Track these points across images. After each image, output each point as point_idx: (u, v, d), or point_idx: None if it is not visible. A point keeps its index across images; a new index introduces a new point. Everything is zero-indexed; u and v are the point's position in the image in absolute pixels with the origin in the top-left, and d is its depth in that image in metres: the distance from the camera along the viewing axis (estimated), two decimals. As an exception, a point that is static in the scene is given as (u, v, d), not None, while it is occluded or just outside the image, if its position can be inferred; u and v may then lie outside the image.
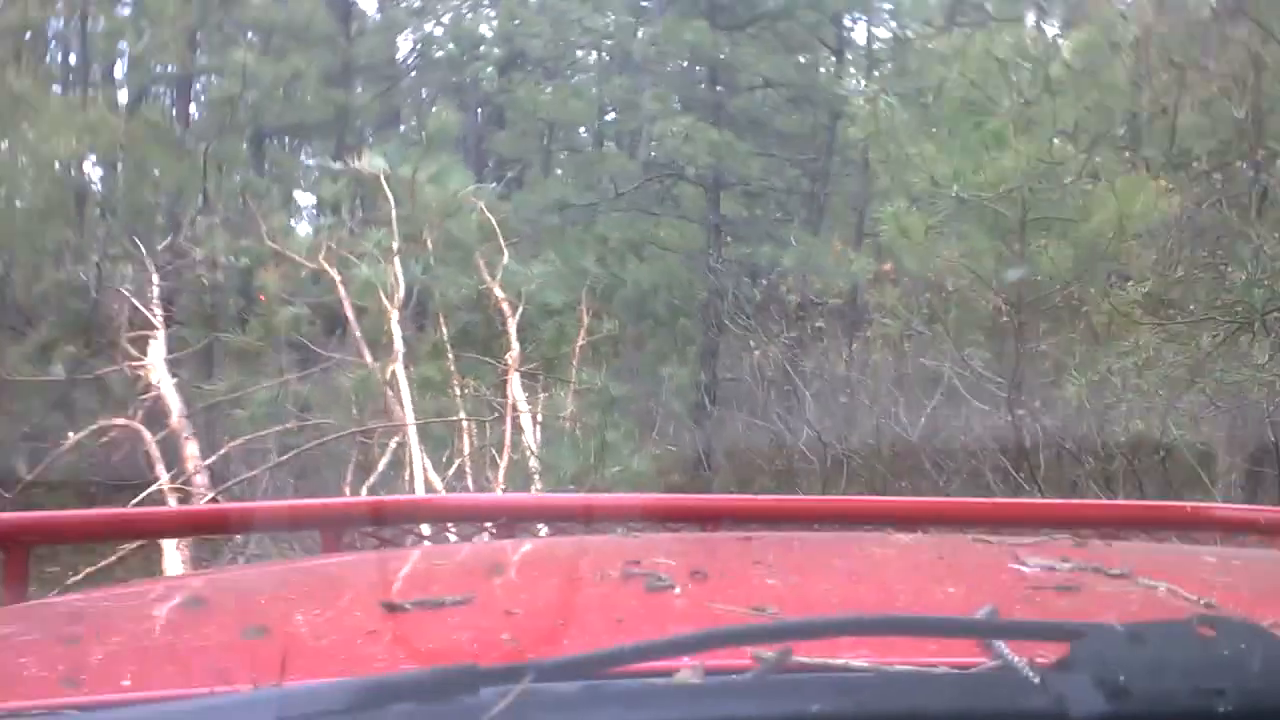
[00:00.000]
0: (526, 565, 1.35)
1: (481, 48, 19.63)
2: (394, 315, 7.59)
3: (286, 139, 14.69)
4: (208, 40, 11.64)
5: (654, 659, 0.67)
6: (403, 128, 19.67)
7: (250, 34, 11.45)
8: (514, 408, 9.09)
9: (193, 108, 13.67)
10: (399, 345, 7.34)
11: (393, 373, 7.24)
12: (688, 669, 0.67)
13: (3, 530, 1.62)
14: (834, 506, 2.22)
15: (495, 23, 19.83)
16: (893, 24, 16.45)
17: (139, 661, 0.90)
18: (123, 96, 13.23)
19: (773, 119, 14.82)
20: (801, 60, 15.07)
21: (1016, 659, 0.69)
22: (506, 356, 9.18)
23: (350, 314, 8.23)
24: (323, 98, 13.11)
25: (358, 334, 8.32)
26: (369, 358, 8.47)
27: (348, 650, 0.89)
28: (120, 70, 13.54)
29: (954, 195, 7.66)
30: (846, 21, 15.23)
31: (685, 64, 14.65)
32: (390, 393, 7.58)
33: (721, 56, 13.07)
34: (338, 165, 8.39)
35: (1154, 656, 0.65)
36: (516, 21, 17.92)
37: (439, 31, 20.32)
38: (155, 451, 6.84)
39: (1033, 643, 0.71)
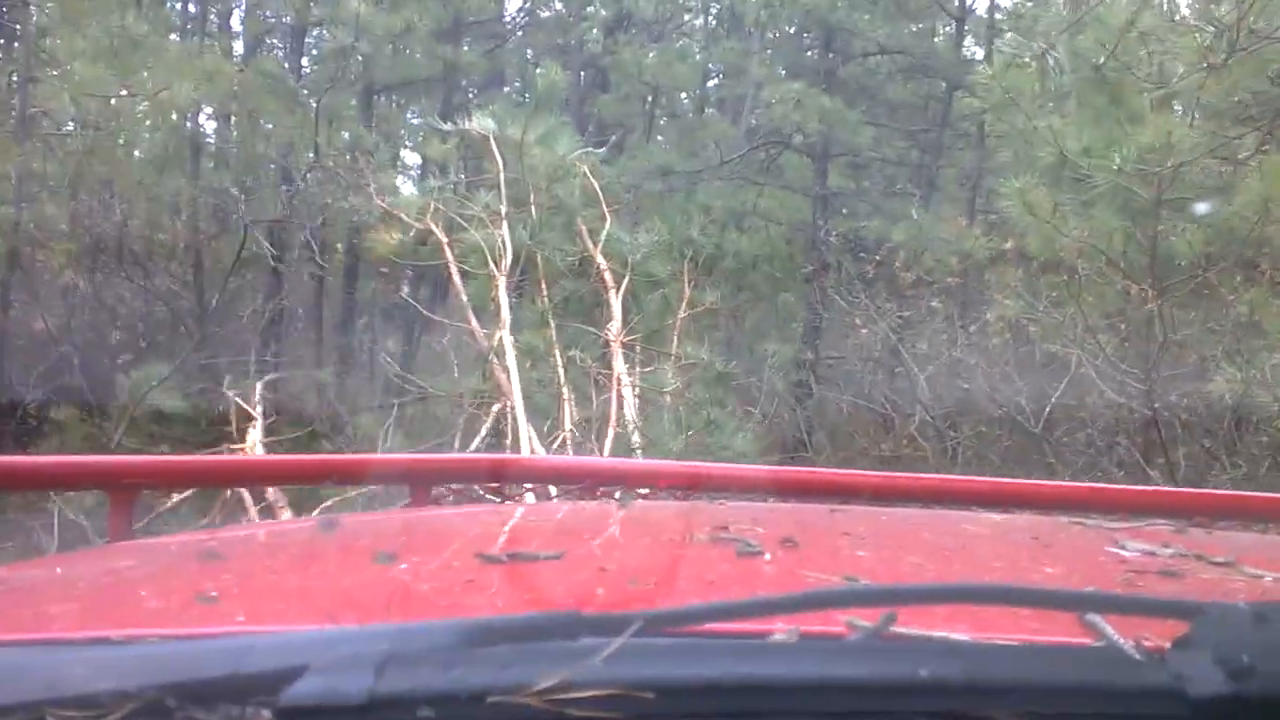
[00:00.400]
0: (618, 526, 1.32)
1: (589, 8, 19.29)
2: (501, 282, 7.35)
3: (394, 96, 14.54)
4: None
5: (757, 616, 0.66)
6: (507, 88, 19.47)
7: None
8: (617, 381, 8.85)
9: (305, 61, 13.59)
10: (506, 313, 7.12)
11: (499, 340, 7.02)
12: (783, 631, 0.65)
13: (108, 472, 1.62)
14: (923, 485, 2.07)
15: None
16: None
17: (250, 598, 0.90)
18: (238, 47, 13.23)
19: (884, 88, 14.19)
20: (916, 28, 14.33)
21: (1122, 639, 0.66)
22: (608, 327, 8.93)
23: (457, 278, 8.04)
24: (431, 54, 12.93)
25: (464, 298, 8.13)
26: (475, 323, 8.30)
27: (447, 596, 0.89)
28: (237, 20, 13.52)
29: (1085, 171, 7.14)
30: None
31: (793, 30, 14.05)
32: (495, 360, 7.38)
33: (835, 21, 12.47)
34: (446, 125, 8.13)
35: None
36: (625, -18, 17.49)
37: (547, -11, 20.07)
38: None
39: (1144, 621, 0.67)
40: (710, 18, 18.90)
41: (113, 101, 7.08)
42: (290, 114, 10.58)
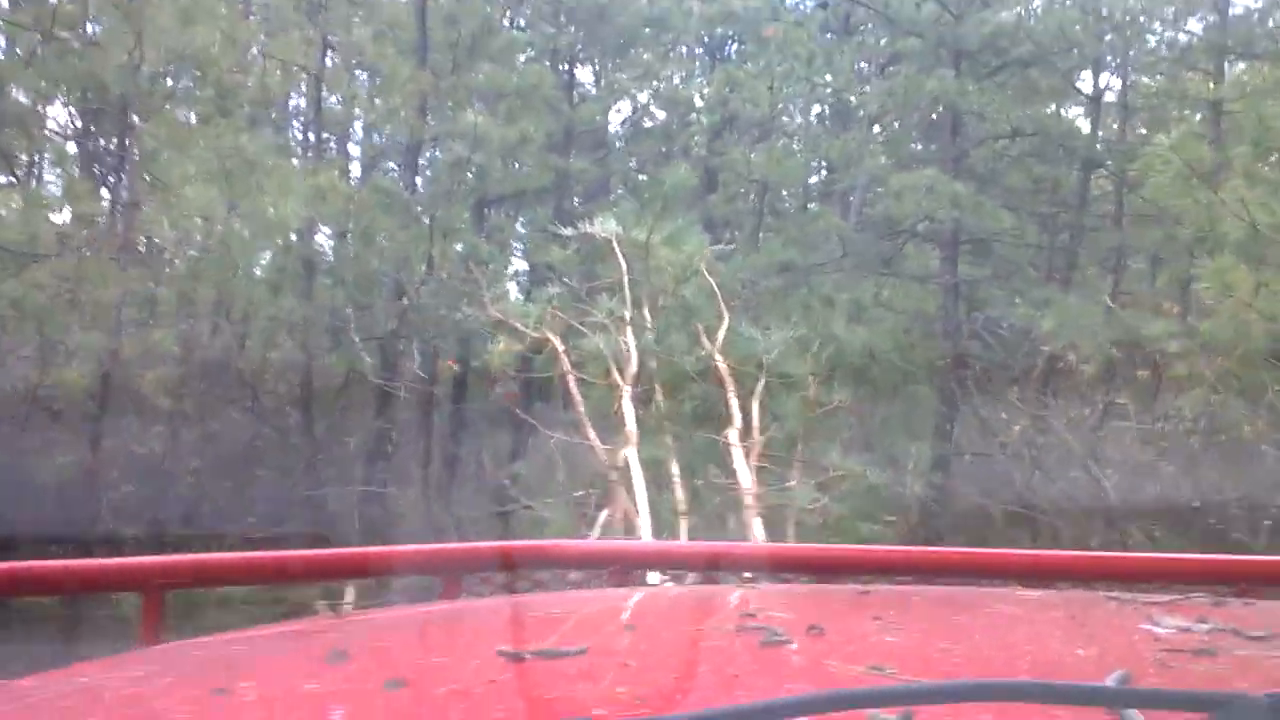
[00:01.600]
0: (643, 615, 1.30)
1: (693, 115, 19.01)
2: (626, 391, 6.61)
3: (506, 208, 14.28)
4: (437, 107, 11.28)
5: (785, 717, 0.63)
6: (613, 195, 19.18)
7: (477, 101, 11.04)
8: (750, 496, 7.94)
9: (419, 180, 13.46)
10: (631, 426, 6.36)
11: (624, 457, 6.24)
12: None
13: (138, 573, 1.58)
14: (960, 559, 1.94)
15: (708, 89, 19.14)
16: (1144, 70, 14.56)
17: (267, 710, 0.88)
18: (355, 169, 13.15)
19: (1011, 172, 13.27)
20: (1047, 110, 13.45)
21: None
22: (726, 433, 8.27)
23: (574, 389, 7.35)
24: (543, 164, 12.60)
25: (582, 409, 7.41)
26: (593, 436, 7.53)
27: (469, 700, 0.88)
28: (353, 140, 13.49)
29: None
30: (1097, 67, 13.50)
31: (912, 118, 13.33)
32: (616, 477, 6.60)
33: (965, 105, 11.69)
34: (568, 230, 7.57)
35: None
36: (729, 89, 17.14)
37: (651, 99, 19.94)
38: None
39: (1169, 713, 0.66)
40: (816, 114, 18.38)
41: (219, 226, 6.74)
42: (404, 229, 10.26)
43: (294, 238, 9.61)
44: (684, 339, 11.76)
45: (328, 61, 9.49)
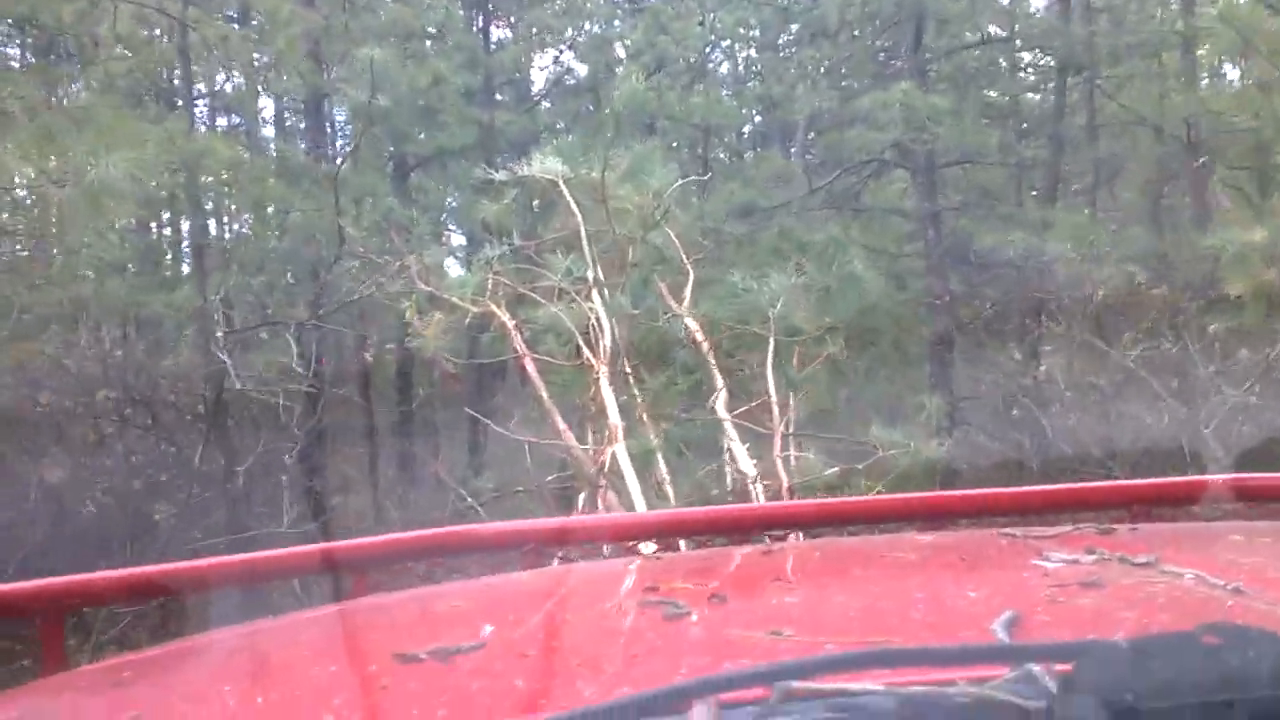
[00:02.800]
0: (545, 599, 1.29)
1: (619, 68, 17.33)
2: (602, 372, 5.05)
3: (427, 167, 12.44)
4: (332, 52, 9.40)
5: (656, 714, 0.65)
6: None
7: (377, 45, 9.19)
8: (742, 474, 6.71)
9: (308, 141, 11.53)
10: (614, 417, 4.86)
11: (610, 455, 4.73)
12: (700, 706, 0.66)
13: (28, 598, 1.43)
14: (862, 507, 1.99)
15: (634, 34, 17.34)
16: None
17: None
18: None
19: (989, 79, 11.80)
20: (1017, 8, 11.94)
21: (1036, 669, 0.66)
22: (713, 400, 7.42)
23: (533, 372, 5.77)
24: (464, 116, 10.81)
25: (545, 397, 5.81)
26: (562, 427, 5.93)
27: (360, 709, 0.87)
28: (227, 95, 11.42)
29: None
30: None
31: (870, 29, 11.74)
32: (603, 483, 5.06)
33: (927, 9, 10.17)
34: (499, 174, 5.93)
35: (1160, 672, 0.63)
36: (657, 32, 15.50)
37: (573, 49, 18.19)
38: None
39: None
40: (752, 44, 16.83)
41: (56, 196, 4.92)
42: (308, 197, 8.44)
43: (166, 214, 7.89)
44: (658, 300, 10.35)
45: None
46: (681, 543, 2.17)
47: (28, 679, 1.18)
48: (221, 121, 11.51)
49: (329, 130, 10.96)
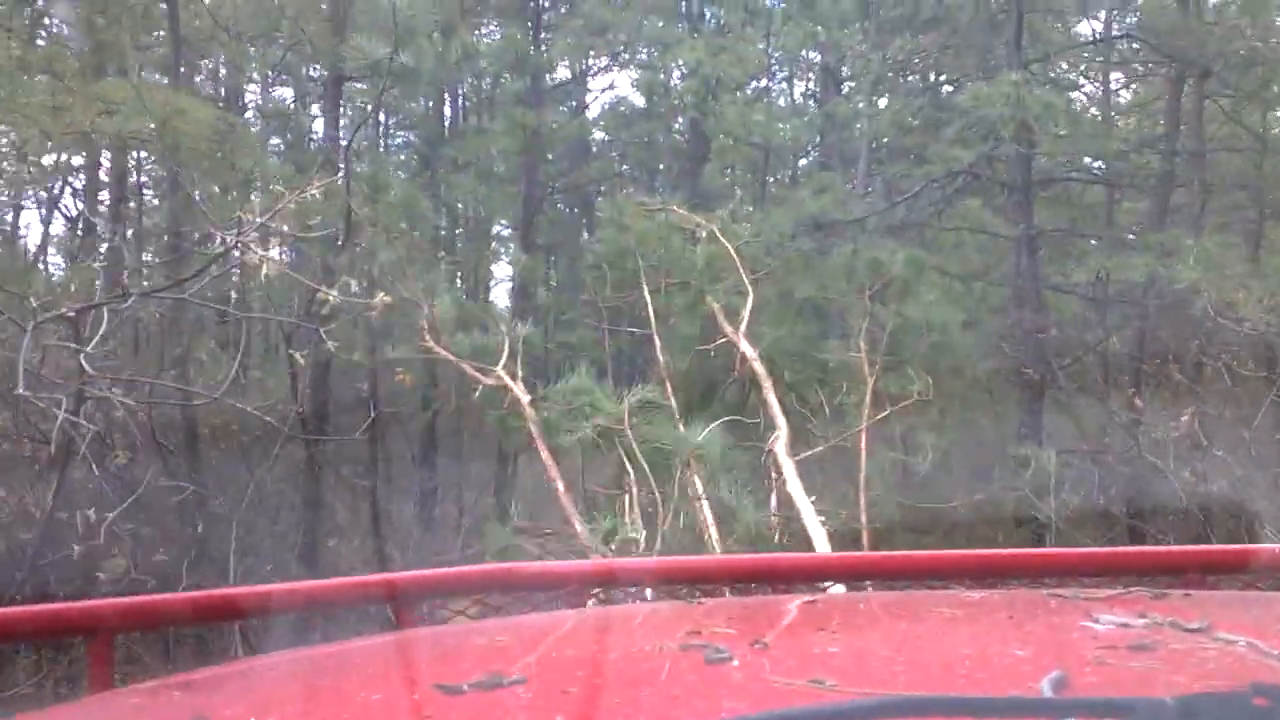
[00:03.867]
0: (588, 637, 1.30)
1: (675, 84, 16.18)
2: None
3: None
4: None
5: None
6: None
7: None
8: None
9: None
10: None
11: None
12: None
13: (83, 618, 1.48)
14: (909, 562, 1.83)
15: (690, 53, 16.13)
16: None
17: None
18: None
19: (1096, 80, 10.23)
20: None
21: None
22: (773, 440, 6.73)
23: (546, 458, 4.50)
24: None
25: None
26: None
27: None
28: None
29: None
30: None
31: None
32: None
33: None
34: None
35: None
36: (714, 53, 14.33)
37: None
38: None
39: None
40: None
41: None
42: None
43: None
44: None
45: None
46: (726, 590, 2.05)
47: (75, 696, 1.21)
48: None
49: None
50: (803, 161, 17.75)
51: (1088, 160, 9.77)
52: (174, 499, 6.54)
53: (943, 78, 11.26)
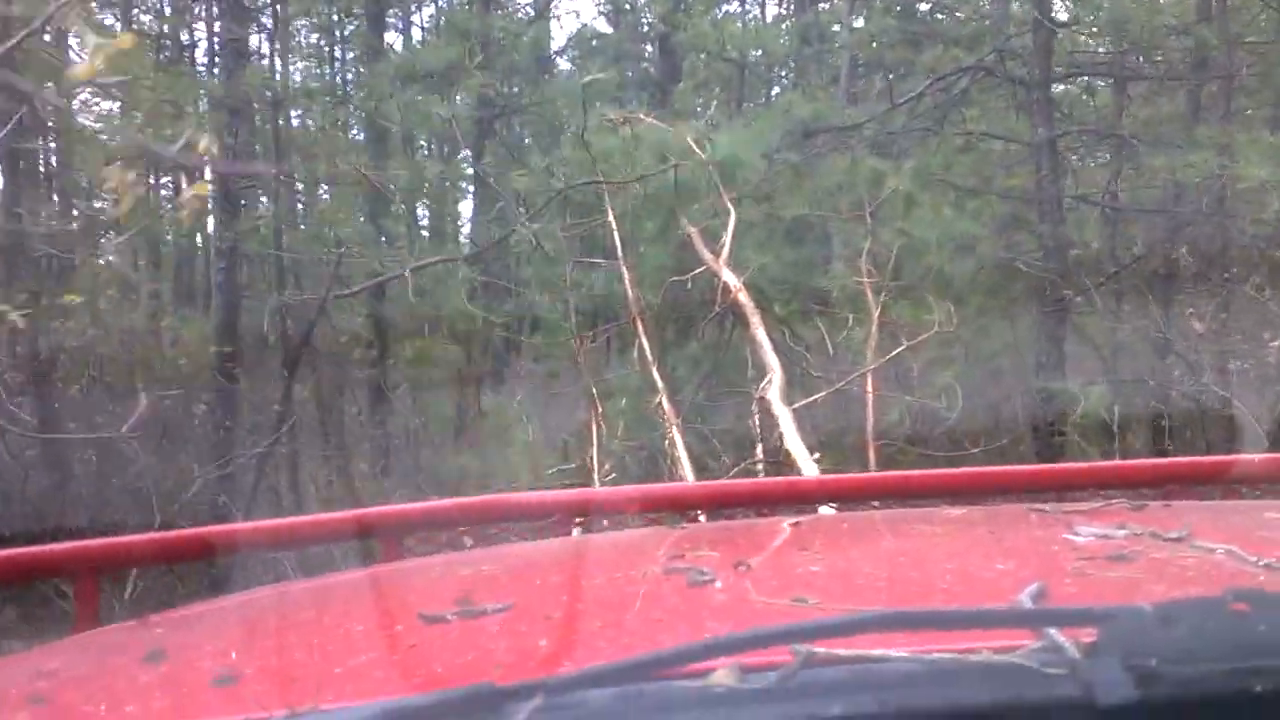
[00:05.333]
0: (571, 565, 1.28)
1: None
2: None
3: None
4: None
5: (671, 667, 0.65)
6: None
7: None
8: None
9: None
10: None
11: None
12: (723, 669, 0.65)
13: (66, 559, 1.48)
14: (891, 482, 1.87)
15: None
16: None
17: (179, 690, 0.88)
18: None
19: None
20: None
21: (1060, 639, 0.65)
22: (765, 386, 5.60)
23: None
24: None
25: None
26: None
27: (386, 666, 0.87)
28: None
29: None
30: None
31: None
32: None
33: None
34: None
35: (1185, 638, 0.62)
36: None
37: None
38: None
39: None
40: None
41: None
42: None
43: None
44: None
45: None
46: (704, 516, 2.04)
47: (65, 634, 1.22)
48: None
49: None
50: (782, 82, 16.26)
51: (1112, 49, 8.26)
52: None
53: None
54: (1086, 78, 8.57)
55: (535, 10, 15.26)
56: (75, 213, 7.75)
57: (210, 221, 7.56)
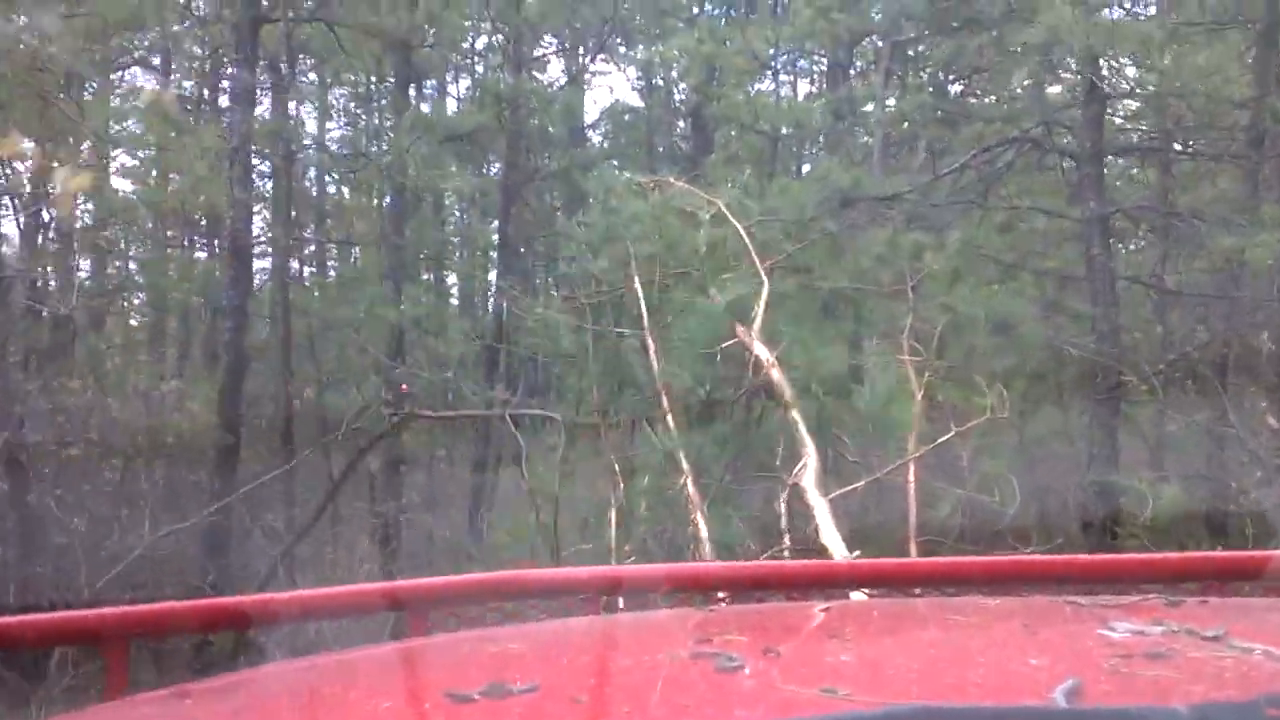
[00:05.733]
0: (599, 646, 1.26)
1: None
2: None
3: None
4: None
5: None
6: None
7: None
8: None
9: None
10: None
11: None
12: None
13: (98, 626, 1.45)
14: (924, 569, 1.80)
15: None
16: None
17: None
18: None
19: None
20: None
21: None
22: (799, 471, 4.99)
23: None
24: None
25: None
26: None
27: None
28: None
29: None
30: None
31: None
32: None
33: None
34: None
35: None
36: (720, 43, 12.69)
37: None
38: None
39: None
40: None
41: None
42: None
43: None
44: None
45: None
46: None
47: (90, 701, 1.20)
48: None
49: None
50: (814, 157, 16.03)
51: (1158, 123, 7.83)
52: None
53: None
54: (1138, 152, 8.12)
55: (568, 76, 15.20)
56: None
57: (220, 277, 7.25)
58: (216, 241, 8.81)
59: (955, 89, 12.45)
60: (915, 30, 9.51)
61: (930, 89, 11.66)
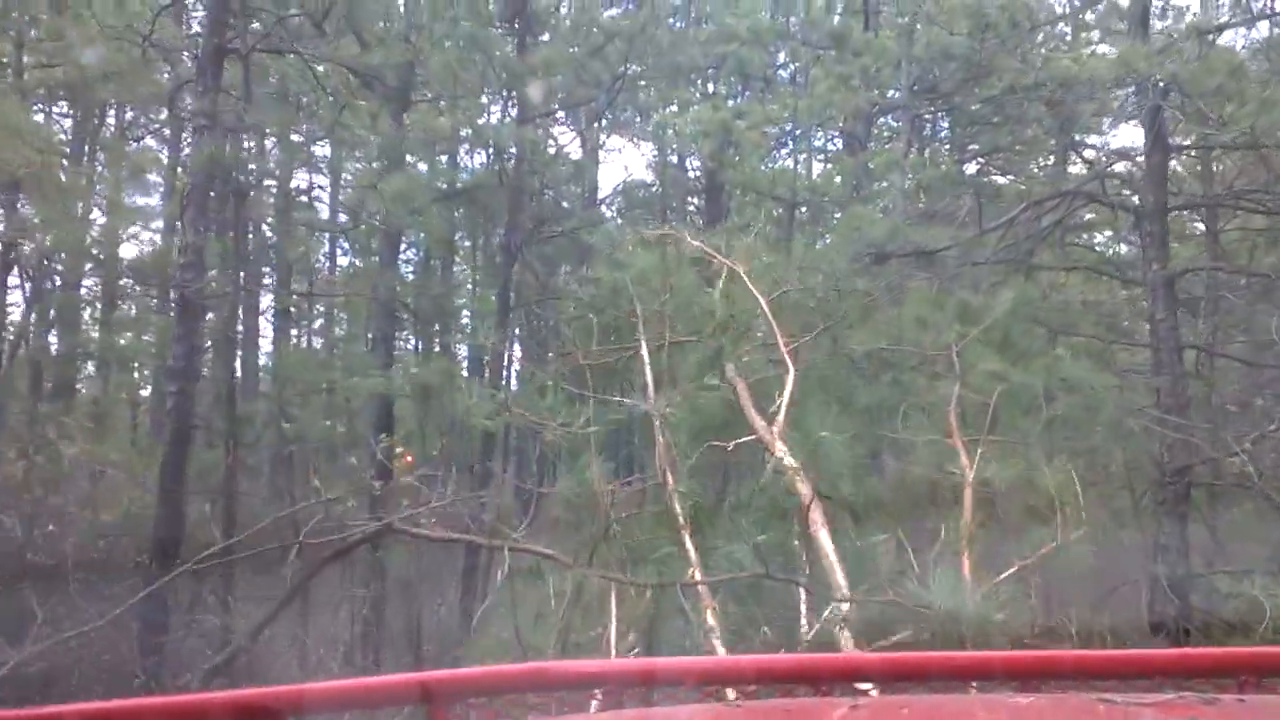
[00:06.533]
0: None
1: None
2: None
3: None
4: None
5: None
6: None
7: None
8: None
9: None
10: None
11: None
12: None
13: (141, 713, 1.45)
14: (955, 663, 1.73)
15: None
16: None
17: None
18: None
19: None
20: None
21: None
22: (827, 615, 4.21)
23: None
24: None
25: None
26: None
27: None
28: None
29: None
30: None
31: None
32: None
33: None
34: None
35: None
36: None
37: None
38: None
39: None
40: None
41: None
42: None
43: None
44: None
45: None
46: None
47: None
48: None
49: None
50: (832, 221, 15.34)
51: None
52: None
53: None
54: (1207, 207, 7.22)
55: (583, 148, 14.62)
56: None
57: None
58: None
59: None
60: (955, 77, 8.73)
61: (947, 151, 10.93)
